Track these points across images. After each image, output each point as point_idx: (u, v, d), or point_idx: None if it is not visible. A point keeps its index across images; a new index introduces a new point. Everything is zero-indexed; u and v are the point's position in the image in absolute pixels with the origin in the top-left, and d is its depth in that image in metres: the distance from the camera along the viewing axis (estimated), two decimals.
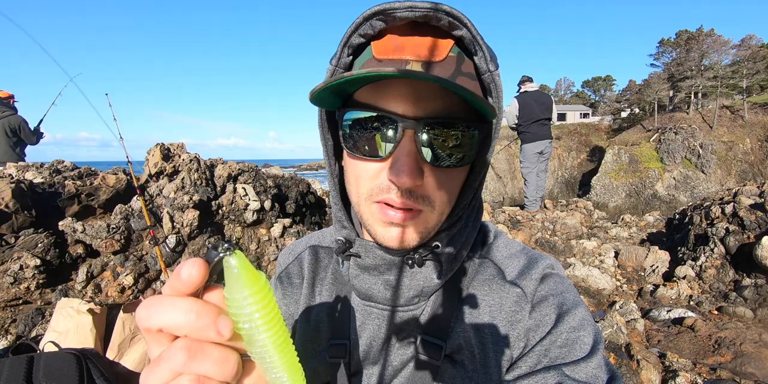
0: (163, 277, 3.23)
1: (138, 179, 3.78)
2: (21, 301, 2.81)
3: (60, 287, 2.95)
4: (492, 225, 0.77)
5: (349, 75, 0.48)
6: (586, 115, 46.81)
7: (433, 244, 0.61)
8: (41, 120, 5.71)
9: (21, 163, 4.19)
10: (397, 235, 0.58)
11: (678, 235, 5.20)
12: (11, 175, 3.61)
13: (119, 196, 3.65)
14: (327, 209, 5.18)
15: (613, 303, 3.59)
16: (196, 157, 4.03)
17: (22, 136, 5.43)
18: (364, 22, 0.55)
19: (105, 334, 2.47)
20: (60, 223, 3.20)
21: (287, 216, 4.38)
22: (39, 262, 2.83)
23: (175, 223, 3.50)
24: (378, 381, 0.65)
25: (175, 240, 3.44)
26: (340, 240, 0.66)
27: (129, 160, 3.80)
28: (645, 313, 3.54)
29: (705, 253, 4.25)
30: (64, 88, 4.78)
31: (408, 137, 0.54)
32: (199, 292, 0.32)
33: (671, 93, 30.79)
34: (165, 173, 3.90)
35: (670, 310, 3.49)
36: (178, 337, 0.32)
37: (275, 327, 0.32)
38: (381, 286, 0.64)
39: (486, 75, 0.58)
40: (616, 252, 4.92)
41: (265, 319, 0.31)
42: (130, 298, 3.07)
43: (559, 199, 8.32)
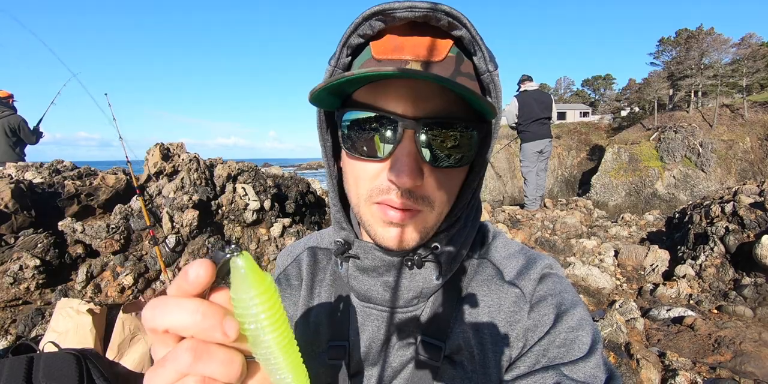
0: (162, 277, 3.23)
1: (137, 179, 3.78)
2: (21, 302, 2.81)
3: (60, 287, 2.95)
4: (491, 225, 0.77)
5: (349, 75, 0.48)
6: (585, 113, 46.78)
7: (432, 245, 0.61)
8: (40, 119, 5.70)
9: (20, 163, 4.19)
10: (396, 236, 0.58)
11: (678, 234, 5.20)
12: (11, 175, 3.61)
13: (119, 196, 3.65)
14: (327, 209, 5.17)
15: (613, 302, 3.59)
16: (195, 156, 4.03)
17: (22, 136, 5.42)
18: (363, 23, 0.54)
19: (105, 335, 2.47)
20: (59, 223, 3.20)
21: (287, 216, 4.38)
22: (39, 262, 2.83)
23: (174, 223, 3.50)
24: (377, 382, 0.65)
25: (175, 240, 3.44)
26: (339, 241, 0.66)
27: (128, 160, 3.79)
28: (645, 312, 3.54)
29: (705, 252, 4.25)
30: (63, 88, 4.77)
31: (408, 137, 0.53)
32: (205, 293, 0.32)
33: (671, 92, 30.77)
34: (164, 173, 3.90)
35: (670, 309, 3.49)
36: (183, 338, 0.32)
37: (281, 328, 0.32)
38: (380, 288, 0.64)
39: (485, 75, 0.58)
40: (615, 251, 4.92)
41: (271, 319, 0.31)
42: (130, 298, 3.07)
43: (559, 198, 8.32)
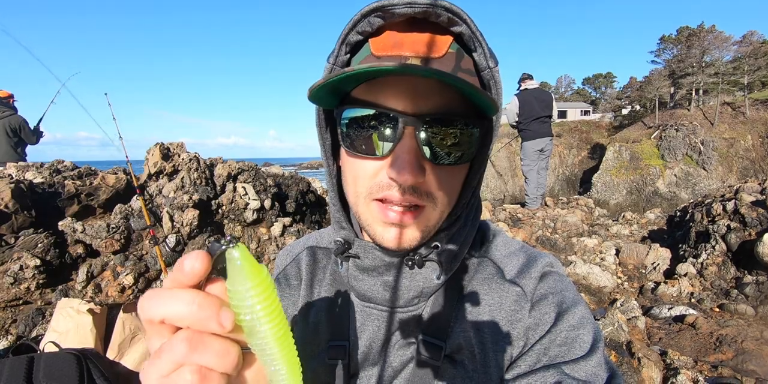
0: (163, 276, 3.23)
1: (138, 179, 3.78)
2: (21, 302, 2.82)
3: (60, 287, 2.95)
4: (491, 223, 0.77)
5: (348, 70, 0.47)
6: (586, 112, 46.69)
7: (432, 244, 0.61)
8: (40, 119, 5.70)
9: (21, 163, 4.19)
10: (396, 236, 0.57)
11: (679, 233, 5.19)
12: (11, 175, 3.61)
13: (119, 195, 3.65)
14: (327, 208, 5.17)
15: (614, 301, 3.58)
16: (195, 156, 4.03)
17: (23, 136, 5.42)
18: (362, 19, 0.54)
19: (105, 334, 2.47)
20: (60, 223, 3.20)
21: (287, 215, 4.37)
22: (39, 262, 2.83)
23: (174, 223, 3.50)
24: (378, 382, 0.64)
25: (175, 239, 3.44)
26: (339, 241, 0.65)
27: (128, 160, 3.80)
28: (646, 311, 3.53)
29: (706, 250, 4.24)
30: (61, 88, 4.77)
31: (408, 134, 0.53)
32: (201, 285, 0.33)
33: (672, 90, 30.68)
34: (165, 173, 3.90)
35: (671, 308, 3.48)
36: (179, 329, 0.33)
37: (276, 319, 0.32)
38: (380, 287, 0.63)
39: (486, 71, 0.57)
40: (617, 249, 4.91)
41: (266, 310, 0.31)
42: (131, 297, 3.07)
43: (560, 197, 8.31)
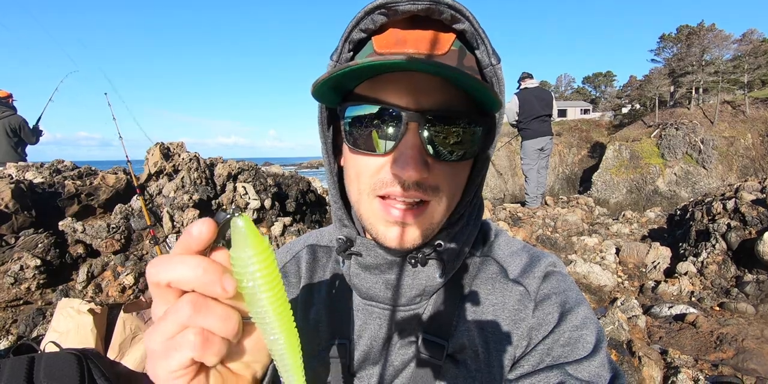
0: None
1: (138, 179, 3.78)
2: (22, 302, 2.82)
3: (60, 287, 2.95)
4: (492, 223, 0.77)
5: (353, 64, 0.47)
6: (586, 111, 46.67)
7: (435, 243, 0.60)
8: (39, 117, 5.69)
9: (21, 163, 4.19)
10: (398, 235, 0.57)
11: (679, 231, 5.19)
12: (11, 175, 3.61)
13: (119, 195, 3.65)
14: (327, 207, 5.17)
15: (615, 299, 3.59)
16: (195, 156, 4.02)
17: (23, 136, 5.42)
18: (366, 17, 0.54)
19: (106, 334, 2.47)
20: (60, 223, 3.20)
21: (287, 214, 4.37)
22: (39, 262, 2.83)
23: (175, 223, 3.50)
24: (378, 381, 0.64)
25: (176, 239, 3.43)
26: (341, 239, 0.64)
27: (128, 160, 3.80)
28: (646, 310, 3.53)
29: (706, 249, 4.24)
30: (60, 85, 4.76)
31: (411, 130, 0.53)
32: (206, 252, 0.34)
33: (672, 88, 30.66)
34: (165, 172, 3.90)
35: (672, 307, 3.48)
36: (184, 293, 0.34)
37: (275, 288, 0.34)
38: (382, 286, 0.63)
39: (488, 69, 0.57)
40: (617, 248, 4.91)
41: (266, 278, 0.33)
42: (131, 297, 3.07)
43: (560, 196, 8.31)
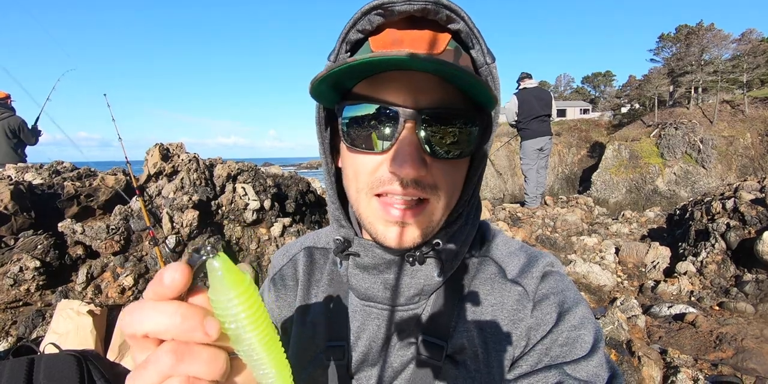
0: None
1: (137, 180, 3.77)
2: (21, 303, 2.81)
3: (60, 289, 2.95)
4: (490, 223, 0.77)
5: (351, 60, 0.48)
6: (586, 110, 46.71)
7: (433, 242, 0.61)
8: (38, 117, 5.67)
9: (21, 164, 4.19)
10: (397, 235, 0.57)
11: (679, 231, 5.19)
12: (10, 176, 3.61)
13: (118, 196, 3.65)
14: (327, 208, 5.17)
15: (614, 299, 3.59)
16: (195, 156, 4.02)
17: (22, 137, 5.41)
18: (362, 17, 0.54)
19: (105, 336, 2.47)
20: (59, 224, 3.20)
21: (287, 215, 4.37)
22: (39, 263, 2.83)
23: (174, 224, 3.50)
24: (378, 382, 0.64)
25: (175, 240, 3.43)
26: (338, 239, 0.64)
27: (128, 161, 3.79)
28: (646, 310, 3.53)
29: (706, 248, 4.24)
30: (57, 83, 4.75)
31: (409, 128, 0.53)
32: (182, 296, 0.32)
33: (671, 88, 30.66)
34: (164, 173, 3.90)
35: (671, 306, 3.48)
36: (163, 341, 0.32)
37: (261, 325, 0.32)
38: (381, 286, 0.63)
39: (483, 68, 0.58)
40: (616, 248, 4.91)
41: (250, 318, 0.32)
42: (131, 299, 3.07)
43: (560, 196, 8.31)
